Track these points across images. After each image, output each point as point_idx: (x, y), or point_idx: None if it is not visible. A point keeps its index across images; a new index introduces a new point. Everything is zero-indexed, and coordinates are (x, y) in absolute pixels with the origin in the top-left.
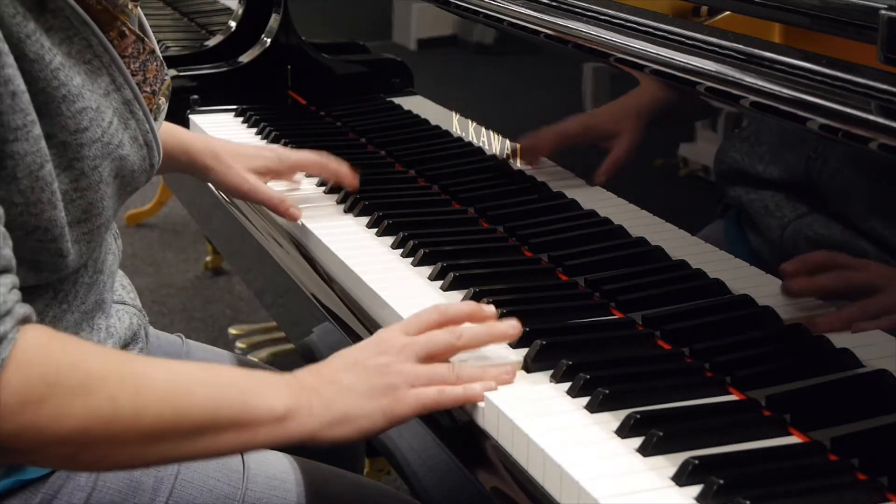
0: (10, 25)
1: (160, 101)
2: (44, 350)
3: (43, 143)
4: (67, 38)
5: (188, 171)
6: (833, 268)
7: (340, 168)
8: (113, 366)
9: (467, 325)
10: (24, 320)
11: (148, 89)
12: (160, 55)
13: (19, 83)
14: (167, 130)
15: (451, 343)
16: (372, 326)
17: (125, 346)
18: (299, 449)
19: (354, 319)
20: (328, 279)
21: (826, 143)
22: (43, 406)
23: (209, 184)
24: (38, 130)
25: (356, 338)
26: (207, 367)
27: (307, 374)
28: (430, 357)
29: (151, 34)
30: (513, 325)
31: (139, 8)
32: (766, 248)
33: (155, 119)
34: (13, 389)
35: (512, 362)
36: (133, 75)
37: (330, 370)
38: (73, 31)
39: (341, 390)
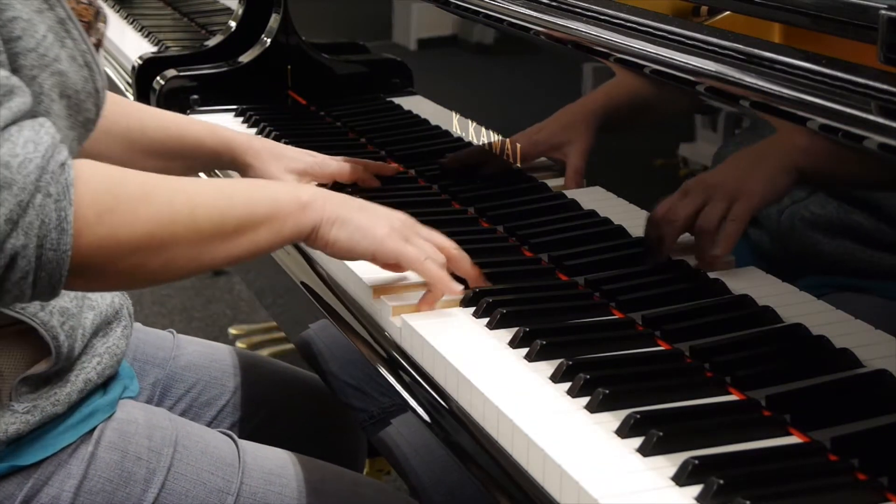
0: None
1: (100, 25)
2: (98, 169)
3: None
4: None
5: (230, 168)
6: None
7: (379, 168)
8: (159, 178)
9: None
10: None
11: (85, 1)
12: None
13: None
14: (209, 129)
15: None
16: (372, 327)
17: (107, 322)
18: (298, 446)
19: (354, 319)
20: (328, 279)
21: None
22: (114, 214)
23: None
24: None
25: (355, 336)
26: (238, 179)
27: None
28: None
29: None
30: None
31: None
32: (765, 239)
33: (96, 47)
34: (86, 203)
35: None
36: None
37: (347, 196)
38: None
39: (351, 206)
